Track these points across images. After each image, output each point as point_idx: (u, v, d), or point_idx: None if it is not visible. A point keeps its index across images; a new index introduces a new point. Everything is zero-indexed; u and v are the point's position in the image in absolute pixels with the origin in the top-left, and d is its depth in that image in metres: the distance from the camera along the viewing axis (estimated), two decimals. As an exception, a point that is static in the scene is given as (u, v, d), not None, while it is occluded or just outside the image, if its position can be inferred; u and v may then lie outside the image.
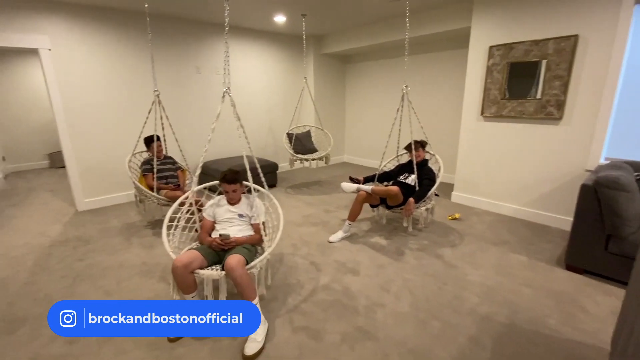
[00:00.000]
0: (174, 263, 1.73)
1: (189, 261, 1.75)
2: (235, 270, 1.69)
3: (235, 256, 1.76)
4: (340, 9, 3.86)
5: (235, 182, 2.02)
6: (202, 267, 1.82)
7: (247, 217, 2.10)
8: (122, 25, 3.77)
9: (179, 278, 1.76)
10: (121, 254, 2.75)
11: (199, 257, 1.82)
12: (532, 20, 3.05)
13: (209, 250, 1.92)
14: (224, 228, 2.05)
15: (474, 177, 3.75)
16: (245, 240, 2.00)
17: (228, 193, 2.05)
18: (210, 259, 1.89)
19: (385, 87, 5.49)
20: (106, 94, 3.80)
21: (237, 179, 2.03)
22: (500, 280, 2.30)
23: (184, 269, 1.73)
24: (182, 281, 1.77)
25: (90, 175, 3.84)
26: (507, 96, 3.31)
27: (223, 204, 2.11)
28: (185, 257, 1.76)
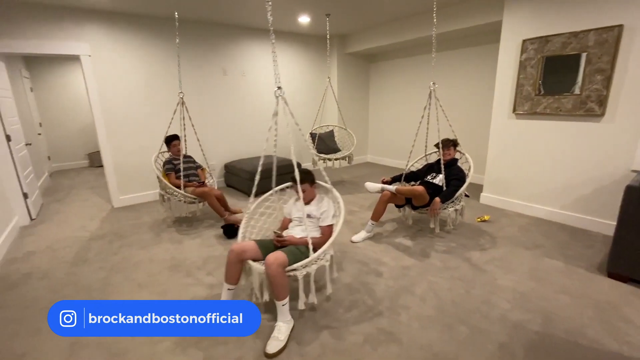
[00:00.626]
0: (231, 248, 1.85)
1: (243, 249, 1.83)
2: (269, 267, 1.70)
3: (276, 253, 1.76)
4: (365, 7, 3.83)
5: (302, 182, 2.00)
6: (256, 259, 1.87)
7: (315, 218, 2.06)
8: (154, 30, 3.95)
9: (229, 262, 1.85)
10: (152, 248, 2.88)
11: (254, 249, 1.88)
12: (571, 11, 2.86)
13: (268, 245, 1.95)
14: (293, 227, 2.12)
15: (504, 177, 3.58)
16: (297, 241, 1.96)
17: (298, 193, 2.04)
18: (265, 252, 1.87)
19: (410, 85, 5.38)
20: (138, 97, 4.00)
21: (304, 179, 2.02)
22: (533, 286, 2.18)
23: (236, 255, 1.82)
24: (229, 266, 1.86)
25: (124, 174, 4.05)
26: (542, 92, 3.13)
27: (297, 203, 2.14)
28: (241, 245, 1.86)
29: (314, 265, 1.84)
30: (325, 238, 1.97)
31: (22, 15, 3.22)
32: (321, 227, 2.05)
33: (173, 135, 3.35)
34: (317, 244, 1.93)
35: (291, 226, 2.14)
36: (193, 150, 3.68)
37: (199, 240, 3.01)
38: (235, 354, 1.66)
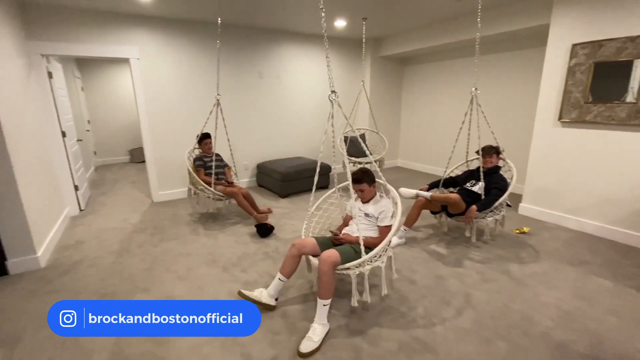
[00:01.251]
0: (294, 242, 1.97)
1: (303, 245, 1.94)
2: (322, 264, 1.76)
3: (330, 251, 1.81)
4: (403, 10, 3.79)
5: (360, 182, 2.04)
6: (315, 255, 1.95)
7: (373, 218, 2.06)
8: (197, 34, 4.13)
9: (288, 255, 1.96)
10: (190, 243, 3.01)
11: (313, 245, 1.98)
12: (627, 13, 2.68)
13: (327, 242, 2.04)
14: (352, 224, 2.16)
15: (546, 188, 3.41)
16: (353, 239, 1.98)
17: (356, 192, 2.10)
18: (323, 249, 1.93)
19: (444, 89, 5.26)
20: (179, 97, 4.19)
21: (362, 179, 2.04)
22: (579, 305, 2.06)
23: (296, 250, 1.93)
24: (288, 259, 1.96)
25: (164, 170, 4.26)
26: (591, 100, 2.96)
27: (357, 202, 2.15)
28: (304, 241, 1.97)
29: (368, 266, 1.84)
30: (382, 238, 1.94)
31: (76, 20, 3.47)
32: (379, 227, 2.04)
33: (206, 134, 3.50)
34: (374, 244, 1.92)
35: (351, 224, 2.16)
36: (222, 150, 3.79)
37: (233, 238, 3.11)
38: (270, 353, 1.71)
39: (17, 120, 2.65)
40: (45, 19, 3.32)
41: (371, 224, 2.07)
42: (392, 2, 3.46)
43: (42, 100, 3.41)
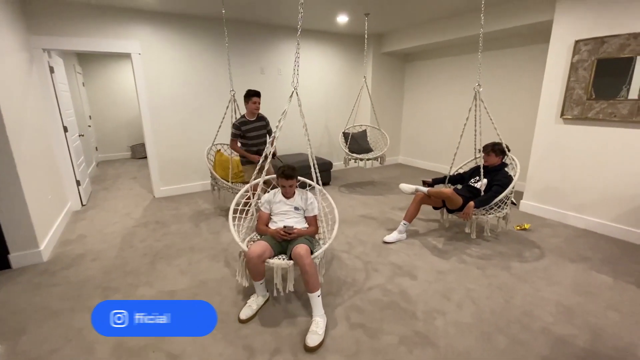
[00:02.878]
0: (249, 254, 1.84)
1: (262, 252, 1.87)
2: (305, 258, 1.79)
3: (303, 245, 1.87)
4: (407, 6, 3.77)
5: (292, 177, 2.12)
6: (271, 257, 1.94)
7: (302, 210, 2.19)
8: (199, 30, 4.12)
9: (253, 267, 1.88)
10: (192, 238, 3.02)
11: (268, 248, 1.93)
12: (631, 10, 2.67)
13: (274, 241, 2.03)
14: (281, 220, 2.16)
15: (548, 185, 3.41)
16: (306, 232, 2.10)
17: (285, 187, 2.15)
18: (276, 249, 2.00)
19: (447, 85, 5.24)
20: (183, 93, 4.19)
21: (294, 175, 2.12)
22: (579, 301, 2.07)
23: (257, 259, 1.85)
24: (255, 269, 1.89)
25: (166, 166, 4.27)
26: (594, 96, 2.95)
27: (278, 198, 2.20)
28: (259, 248, 1.88)
29: (322, 252, 1.98)
30: (315, 227, 2.18)
31: (78, 14, 3.46)
32: (308, 217, 2.19)
33: (255, 91, 3.06)
34: (313, 233, 2.15)
35: (277, 220, 2.15)
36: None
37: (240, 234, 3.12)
38: (272, 345, 1.72)
39: (19, 114, 2.65)
40: (47, 12, 3.31)
41: (300, 216, 2.18)
42: (395, -2, 3.45)
43: (43, 94, 3.41)
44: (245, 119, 3.12)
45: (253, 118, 3.14)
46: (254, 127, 3.14)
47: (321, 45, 5.16)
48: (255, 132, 3.15)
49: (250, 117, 3.14)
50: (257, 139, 3.17)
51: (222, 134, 3.78)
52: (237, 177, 3.59)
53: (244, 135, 3.12)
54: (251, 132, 3.13)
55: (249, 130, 3.12)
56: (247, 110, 3.13)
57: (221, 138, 3.78)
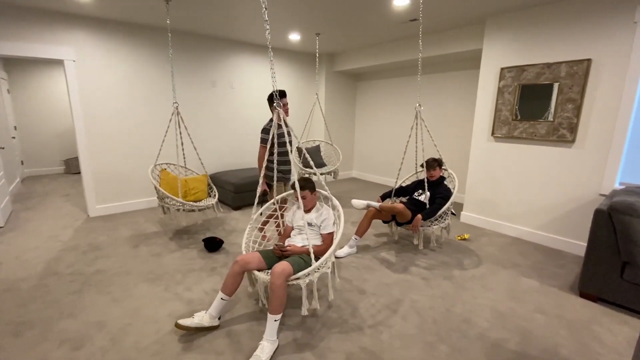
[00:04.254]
0: (236, 259, 1.86)
1: (247, 261, 1.83)
2: (276, 278, 1.72)
3: (282, 264, 1.78)
4: (354, 29, 3.96)
5: (302, 189, 2.08)
6: (260, 269, 1.88)
7: (316, 227, 2.12)
8: (144, 39, 3.93)
9: (231, 273, 1.84)
10: (129, 261, 2.78)
11: (258, 259, 1.89)
12: (544, 44, 3.07)
13: (271, 255, 1.97)
14: (294, 235, 2.17)
15: (484, 197, 3.71)
16: (300, 250, 2.01)
17: (302, 198, 2.10)
18: (269, 263, 1.94)
19: (394, 104, 5.55)
20: (124, 105, 3.93)
21: (304, 186, 2.10)
22: (511, 306, 2.23)
23: (239, 267, 1.81)
24: (230, 277, 1.84)
25: (104, 183, 3.92)
26: (519, 117, 3.31)
27: (298, 212, 2.19)
28: (246, 256, 1.85)
29: (317, 273, 1.88)
30: (327, 246, 2.06)
31: (3, 16, 3.14)
32: (322, 234, 2.11)
33: (282, 91, 2.71)
34: (319, 252, 2.01)
35: (293, 234, 2.19)
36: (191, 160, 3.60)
37: (179, 254, 2.93)
38: (213, 374, 1.61)
39: None
40: (-41, 11, 2.95)
41: (314, 233, 2.13)
42: (343, 21, 3.60)
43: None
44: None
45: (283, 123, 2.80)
46: (283, 133, 2.71)
47: (275, 62, 5.20)
48: (282, 138, 2.75)
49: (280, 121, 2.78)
50: (283, 147, 2.78)
51: (166, 150, 3.60)
52: (188, 196, 3.40)
53: (274, 140, 2.64)
54: (279, 138, 2.74)
55: (279, 135, 2.71)
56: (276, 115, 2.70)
57: (165, 155, 3.60)
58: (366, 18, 3.51)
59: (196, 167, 4.43)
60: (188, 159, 4.23)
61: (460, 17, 3.44)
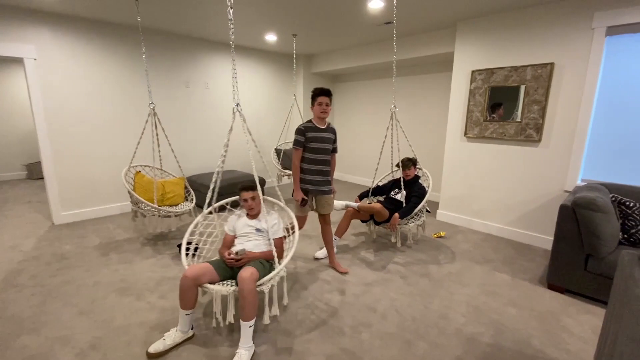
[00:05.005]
0: (184, 274, 1.70)
1: (199, 274, 1.70)
2: (247, 283, 1.65)
3: (249, 268, 1.72)
4: (331, 31, 3.98)
5: (253, 189, 2.02)
6: (212, 282, 1.77)
7: (265, 232, 2.05)
8: (113, 38, 3.76)
9: (183, 289, 1.71)
10: (98, 270, 2.64)
11: (210, 271, 1.77)
12: (511, 48, 3.21)
13: (222, 265, 1.87)
14: (241, 243, 2.02)
15: (458, 195, 3.82)
16: (259, 255, 1.95)
17: (247, 201, 2.02)
18: (222, 274, 1.84)
19: (373, 106, 5.62)
20: (92, 106, 3.74)
21: (254, 186, 2.03)
22: (485, 300, 2.30)
23: (191, 280, 1.68)
24: (184, 293, 1.71)
25: (70, 188, 3.71)
26: (489, 118, 3.43)
27: (242, 219, 2.09)
28: (196, 269, 1.71)
29: (277, 277, 1.84)
30: (279, 250, 2.02)
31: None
32: (274, 240, 2.04)
33: (323, 89, 2.38)
34: (269, 257, 1.99)
35: (238, 243, 2.05)
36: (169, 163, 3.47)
37: (152, 261, 2.82)
38: (189, 385, 1.55)
39: None
40: None
41: (263, 239, 2.05)
42: (319, 22, 3.61)
43: None
44: (312, 124, 2.41)
45: (323, 126, 2.44)
46: (321, 137, 2.40)
47: (252, 62, 5.13)
48: (321, 143, 2.40)
49: (318, 123, 2.43)
50: (322, 154, 2.42)
51: (141, 152, 3.45)
52: (165, 200, 3.27)
53: (306, 144, 2.40)
54: (316, 143, 2.39)
55: (315, 139, 2.38)
56: (314, 113, 2.42)
57: (140, 157, 3.46)
58: (342, 20, 3.53)
59: (173, 170, 4.28)
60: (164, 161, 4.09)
61: (432, 21, 3.54)
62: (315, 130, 2.40)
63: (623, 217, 2.32)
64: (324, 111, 2.35)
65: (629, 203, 2.32)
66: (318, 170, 2.46)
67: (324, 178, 2.51)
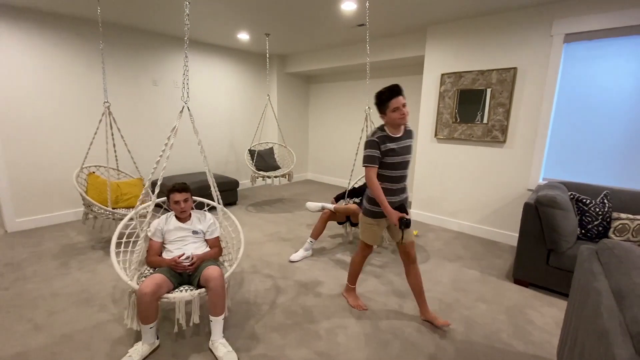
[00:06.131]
0: (141, 290, 1.58)
1: (157, 287, 1.62)
2: (218, 280, 1.69)
3: (214, 267, 1.75)
4: (304, 31, 3.96)
5: (185, 190, 1.95)
6: (169, 291, 1.73)
7: (202, 233, 2.03)
8: (67, 30, 3.52)
9: (145, 306, 1.60)
10: (56, 280, 2.45)
11: (165, 281, 1.70)
12: (478, 53, 3.34)
13: (172, 272, 1.81)
14: (178, 248, 1.93)
15: (430, 195, 3.93)
16: (209, 255, 1.96)
17: (179, 203, 1.92)
18: (175, 281, 1.79)
19: (347, 107, 5.66)
20: (47, 104, 3.48)
21: (186, 188, 1.96)
22: (456, 296, 2.37)
23: (152, 296, 1.59)
24: (147, 310, 1.61)
25: (24, 193, 3.44)
26: (458, 120, 3.55)
27: (172, 223, 1.97)
28: (153, 283, 1.61)
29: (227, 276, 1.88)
30: (218, 249, 2.06)
31: None
32: (210, 240, 2.05)
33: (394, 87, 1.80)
34: (216, 256, 2.03)
35: (172, 248, 1.93)
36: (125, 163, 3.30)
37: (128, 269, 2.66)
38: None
39: None
40: None
41: (200, 240, 2.02)
42: (292, 22, 3.58)
43: None
44: (387, 132, 1.87)
45: (398, 133, 1.89)
46: (400, 148, 1.87)
47: (225, 61, 5.01)
48: (400, 156, 1.87)
49: (393, 131, 1.88)
50: (402, 169, 1.90)
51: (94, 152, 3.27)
52: (120, 202, 3.11)
53: (382, 159, 1.87)
54: (394, 157, 1.85)
55: (392, 152, 1.85)
56: (388, 120, 1.86)
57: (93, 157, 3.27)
58: (315, 20, 3.52)
59: (132, 171, 4.08)
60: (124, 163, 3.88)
61: (403, 24, 3.61)
62: (392, 140, 1.85)
63: (580, 214, 2.48)
64: (403, 116, 1.81)
65: (586, 200, 2.48)
66: (398, 188, 1.94)
67: (404, 196, 2.00)
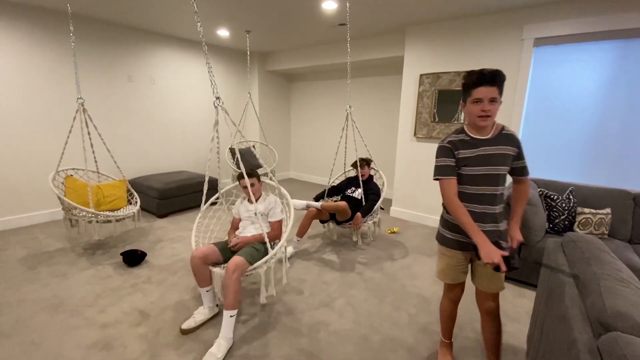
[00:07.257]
0: (192, 253, 1.86)
1: (206, 254, 1.87)
2: (230, 272, 1.74)
3: (236, 258, 1.81)
4: (285, 28, 3.94)
5: (251, 176, 2.13)
6: (218, 262, 1.96)
7: (265, 215, 2.17)
8: (39, 24, 3.34)
9: (195, 269, 1.87)
10: (23, 286, 2.33)
11: (215, 252, 1.94)
12: (455, 54, 3.44)
13: (226, 247, 2.02)
14: (243, 226, 2.19)
15: (409, 192, 4.01)
16: (252, 239, 2.06)
17: (246, 189, 2.09)
18: (225, 255, 1.99)
19: (328, 106, 5.68)
20: (12, 101, 3.29)
21: (252, 174, 2.16)
22: (434, 290, 2.44)
23: (200, 260, 1.84)
24: (197, 272, 1.88)
25: (-13, 194, 3.24)
26: (436, 120, 3.65)
27: (244, 204, 2.25)
28: (203, 249, 1.89)
29: (273, 260, 1.98)
30: (276, 232, 2.16)
31: None
32: (271, 222, 2.18)
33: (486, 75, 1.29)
34: (271, 239, 2.10)
35: (242, 226, 2.22)
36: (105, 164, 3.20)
37: (90, 272, 2.56)
38: (134, 404, 1.43)
39: None
40: None
41: (263, 221, 2.17)
42: (273, 19, 3.55)
43: None
44: (464, 135, 1.42)
45: (485, 135, 1.39)
46: (482, 154, 1.38)
47: (201, 56, 4.90)
48: (484, 167, 1.38)
49: (475, 132, 1.40)
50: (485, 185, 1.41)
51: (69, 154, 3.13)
52: (102, 204, 2.98)
53: (459, 169, 1.42)
54: (473, 166, 1.39)
55: (471, 160, 1.39)
56: (467, 114, 1.40)
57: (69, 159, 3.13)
58: (296, 18, 3.51)
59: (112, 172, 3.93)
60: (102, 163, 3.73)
61: (383, 25, 3.66)
62: (472, 145, 1.38)
63: (549, 209, 2.61)
64: (485, 113, 1.30)
65: (554, 196, 2.62)
66: (481, 212, 1.42)
67: (492, 226, 1.44)
